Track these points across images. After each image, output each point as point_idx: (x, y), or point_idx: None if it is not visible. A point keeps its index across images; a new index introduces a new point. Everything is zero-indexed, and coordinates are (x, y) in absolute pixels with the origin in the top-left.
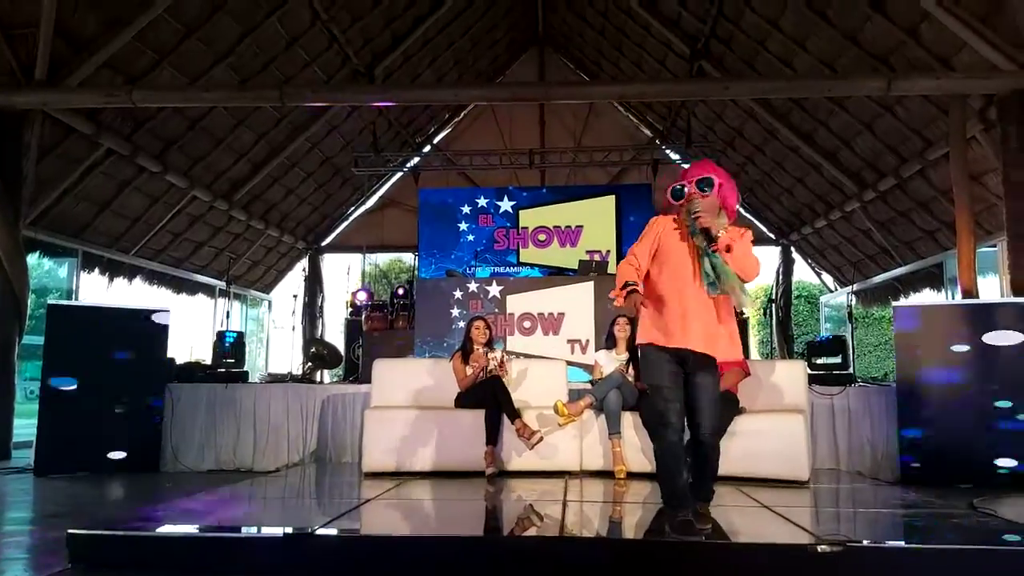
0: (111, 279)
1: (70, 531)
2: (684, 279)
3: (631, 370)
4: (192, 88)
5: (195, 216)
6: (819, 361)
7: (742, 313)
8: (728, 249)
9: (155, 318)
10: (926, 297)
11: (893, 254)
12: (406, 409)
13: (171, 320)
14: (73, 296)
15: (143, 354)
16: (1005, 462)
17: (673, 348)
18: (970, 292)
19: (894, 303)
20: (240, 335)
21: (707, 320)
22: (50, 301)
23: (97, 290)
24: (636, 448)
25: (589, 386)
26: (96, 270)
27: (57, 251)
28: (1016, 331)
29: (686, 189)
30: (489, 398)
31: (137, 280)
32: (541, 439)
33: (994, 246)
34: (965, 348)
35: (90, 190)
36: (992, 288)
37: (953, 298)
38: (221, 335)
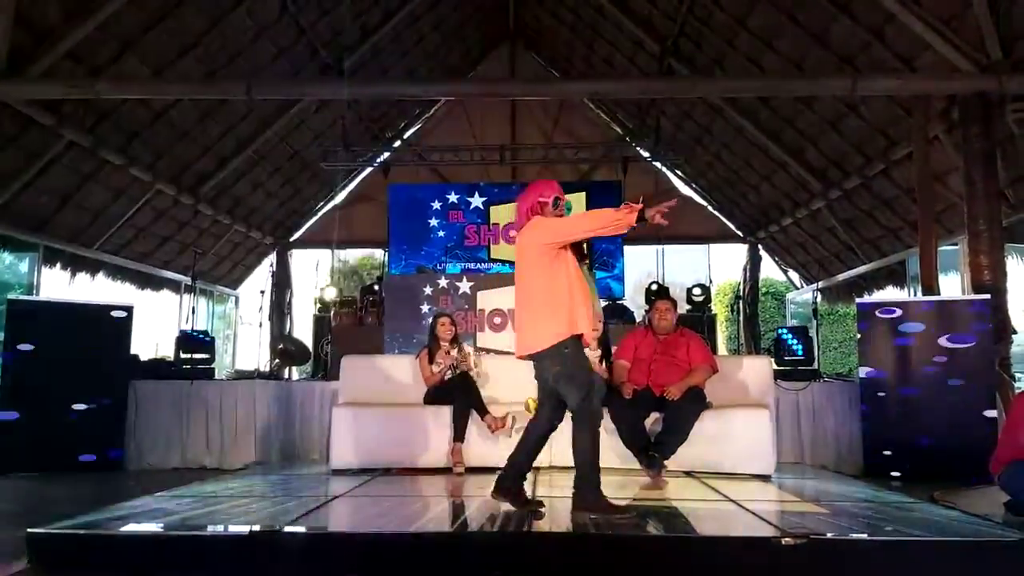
0: (73, 274)
1: (30, 530)
2: None
3: (603, 366)
4: (157, 80)
5: (160, 210)
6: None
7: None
8: None
9: (118, 314)
10: (889, 294)
11: (857, 252)
12: (374, 406)
13: (135, 316)
14: (34, 291)
15: (106, 351)
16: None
17: None
18: (931, 289)
19: (858, 300)
20: (205, 332)
21: None
22: (10, 296)
23: (59, 285)
24: (605, 443)
25: None
26: (58, 265)
27: (18, 245)
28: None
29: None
30: (458, 394)
31: (100, 275)
32: (515, 420)
33: (955, 244)
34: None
35: (51, 183)
36: (953, 286)
37: (915, 295)
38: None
